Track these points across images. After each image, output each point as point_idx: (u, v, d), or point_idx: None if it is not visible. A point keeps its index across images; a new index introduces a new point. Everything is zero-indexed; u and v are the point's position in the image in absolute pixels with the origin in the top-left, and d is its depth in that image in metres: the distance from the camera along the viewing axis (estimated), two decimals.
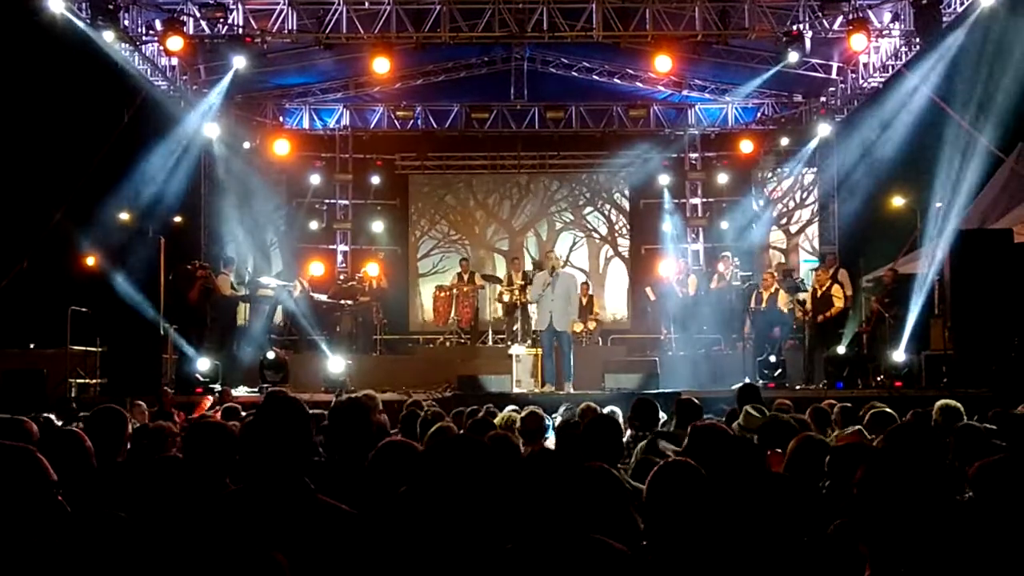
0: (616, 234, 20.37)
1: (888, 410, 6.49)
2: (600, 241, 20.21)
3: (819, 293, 14.23)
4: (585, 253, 20.31)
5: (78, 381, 12.99)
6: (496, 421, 6.54)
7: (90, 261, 15.59)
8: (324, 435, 4.50)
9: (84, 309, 13.23)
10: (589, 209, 20.51)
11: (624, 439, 5.69)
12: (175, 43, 13.71)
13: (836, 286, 14.26)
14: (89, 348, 13.48)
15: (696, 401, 6.58)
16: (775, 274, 15.34)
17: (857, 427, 5.76)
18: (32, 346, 14.40)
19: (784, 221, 19.90)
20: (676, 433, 5.80)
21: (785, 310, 14.45)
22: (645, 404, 6.41)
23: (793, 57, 14.46)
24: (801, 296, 14.85)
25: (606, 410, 7.00)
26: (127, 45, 14.44)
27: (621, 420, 6.05)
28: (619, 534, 3.02)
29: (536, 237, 20.28)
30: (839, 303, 14.08)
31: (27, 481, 2.72)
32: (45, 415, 6.96)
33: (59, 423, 6.70)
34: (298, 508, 2.98)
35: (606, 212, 20.49)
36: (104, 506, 3.14)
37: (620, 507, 3.14)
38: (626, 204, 20.38)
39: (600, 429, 4.70)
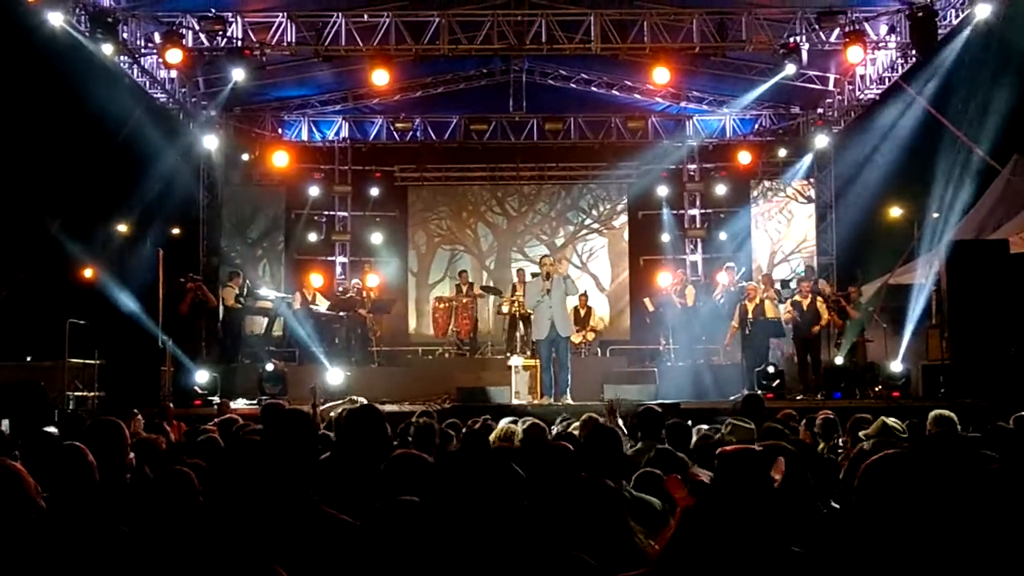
0: (483, 247, 19.96)
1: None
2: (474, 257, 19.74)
3: (804, 306, 14.39)
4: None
5: (76, 394, 12.97)
6: (494, 434, 6.50)
7: (88, 273, 15.63)
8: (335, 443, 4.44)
9: (82, 321, 13.22)
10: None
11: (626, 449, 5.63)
12: (174, 56, 13.72)
13: (819, 299, 14.42)
14: (87, 360, 13.46)
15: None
16: (759, 285, 15.40)
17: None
18: (29, 359, 14.39)
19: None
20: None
21: (771, 316, 14.58)
22: (650, 414, 6.32)
23: (790, 69, 14.51)
24: (789, 305, 14.97)
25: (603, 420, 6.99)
26: (126, 58, 14.47)
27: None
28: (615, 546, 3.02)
29: (415, 251, 19.92)
30: (825, 314, 14.41)
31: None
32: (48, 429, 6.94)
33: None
34: (301, 519, 2.98)
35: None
36: (109, 520, 3.16)
37: (615, 519, 3.12)
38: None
39: (600, 441, 4.63)
